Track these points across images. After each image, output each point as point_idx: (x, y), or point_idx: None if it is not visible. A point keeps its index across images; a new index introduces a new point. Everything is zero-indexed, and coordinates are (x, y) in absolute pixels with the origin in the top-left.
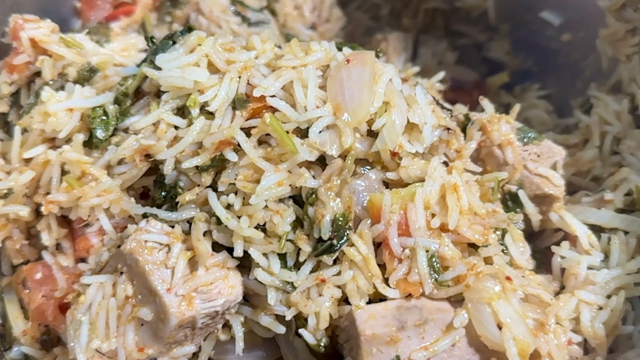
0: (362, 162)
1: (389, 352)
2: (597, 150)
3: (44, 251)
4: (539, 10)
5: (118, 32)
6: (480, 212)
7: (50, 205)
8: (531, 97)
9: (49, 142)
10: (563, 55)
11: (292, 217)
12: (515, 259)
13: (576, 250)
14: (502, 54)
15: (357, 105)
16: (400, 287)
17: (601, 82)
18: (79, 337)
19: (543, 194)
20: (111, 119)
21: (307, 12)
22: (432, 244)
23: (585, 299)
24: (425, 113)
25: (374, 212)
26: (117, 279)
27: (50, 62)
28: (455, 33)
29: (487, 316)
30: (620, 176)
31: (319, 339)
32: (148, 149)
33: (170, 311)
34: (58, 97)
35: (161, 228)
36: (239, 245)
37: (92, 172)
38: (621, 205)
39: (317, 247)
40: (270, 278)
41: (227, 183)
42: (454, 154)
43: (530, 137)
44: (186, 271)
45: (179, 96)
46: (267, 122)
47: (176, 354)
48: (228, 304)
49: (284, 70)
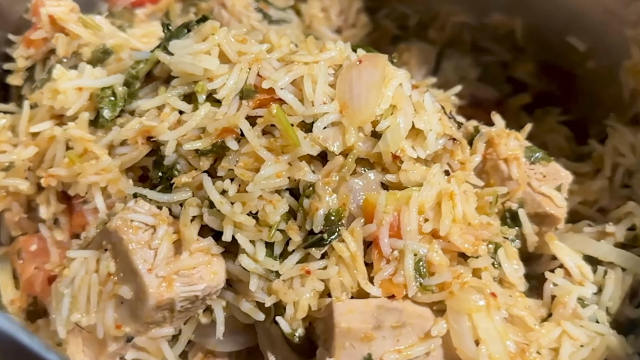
0: (363, 162)
1: (362, 349)
2: (607, 181)
3: (41, 224)
4: (565, 35)
5: (142, 18)
6: (473, 222)
7: (49, 178)
8: (551, 121)
9: (57, 119)
10: (586, 82)
11: (285, 209)
12: (507, 276)
13: (570, 279)
14: (526, 75)
15: (363, 104)
16: (384, 287)
17: (621, 112)
18: (60, 309)
19: (544, 212)
20: (119, 100)
21: (333, 15)
22: (421, 248)
23: (570, 331)
24: (432, 120)
25: (369, 212)
26: (101, 256)
27: (65, 39)
28: (482, 49)
29: (466, 329)
30: (626, 210)
31: (294, 329)
32: (150, 130)
33: (148, 291)
34: (69, 75)
35: (149, 209)
36: (229, 230)
37: (94, 150)
38: (622, 239)
39: (307, 239)
40: (254, 265)
41: (227, 168)
42: (457, 165)
43: (538, 157)
44: (169, 253)
45: (188, 82)
46: (273, 112)
47: (154, 334)
48: (209, 289)
49: (296, 65)
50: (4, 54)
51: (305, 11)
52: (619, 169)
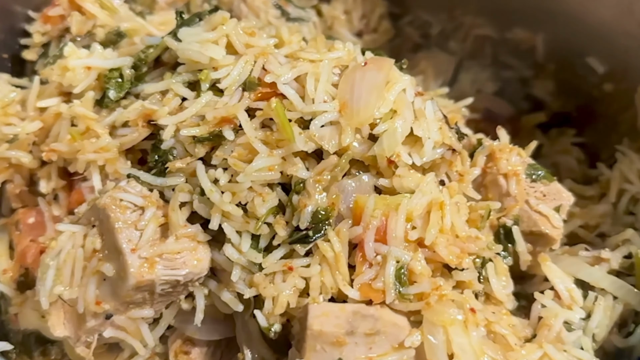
0: (358, 165)
1: (333, 353)
2: (612, 206)
3: (40, 198)
4: (585, 55)
5: (163, 6)
6: (461, 234)
7: (50, 153)
8: (566, 142)
9: (65, 96)
10: (604, 104)
11: (274, 203)
12: (495, 292)
13: (559, 302)
14: (545, 93)
15: (363, 106)
16: (363, 291)
17: (635, 139)
18: (45, 280)
19: (539, 231)
20: (125, 82)
21: (355, 18)
22: (404, 255)
23: (551, 355)
24: (431, 128)
25: (357, 214)
26: (88, 231)
27: (80, 18)
28: (502, 64)
29: (440, 343)
30: (624, 237)
31: (271, 324)
32: (151, 113)
33: (129, 271)
34: (79, 53)
35: (140, 190)
36: (216, 218)
37: (96, 128)
38: (617, 266)
39: (292, 235)
40: (238, 255)
41: (222, 157)
42: (456, 176)
43: (540, 175)
44: (155, 236)
45: (193, 70)
46: (273, 106)
47: (133, 315)
48: (191, 275)
49: (301, 62)
50: (24, 31)
51: (327, 12)
52: (625, 195)
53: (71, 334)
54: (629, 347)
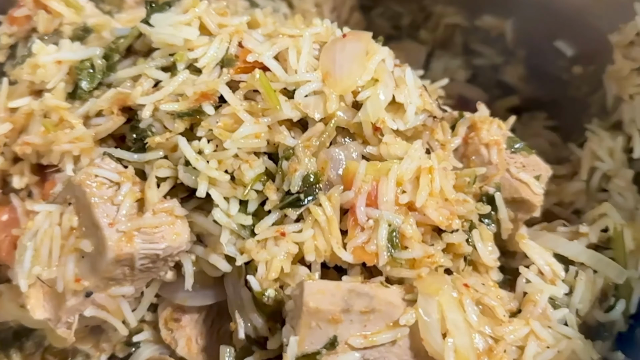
0: (344, 133)
1: (328, 330)
2: (584, 184)
3: (13, 194)
4: (554, 39)
5: (131, 5)
6: (450, 197)
7: (25, 146)
8: (537, 126)
9: (36, 95)
10: (573, 87)
11: (261, 169)
12: (482, 257)
13: (543, 278)
14: (515, 79)
15: (345, 74)
16: (356, 254)
17: (604, 119)
18: (23, 262)
19: (520, 198)
20: (97, 72)
21: (326, 11)
22: (396, 218)
23: (538, 332)
24: (412, 94)
25: (348, 179)
26: (65, 210)
27: (46, 16)
28: (473, 52)
29: (434, 321)
30: (600, 211)
31: (264, 289)
32: (125, 97)
33: (107, 244)
34: (48, 49)
35: (115, 167)
36: (203, 185)
37: (69, 119)
38: (596, 240)
39: (284, 199)
40: (227, 219)
41: (207, 128)
42: (438, 146)
43: (519, 147)
44: (132, 211)
45: (167, 55)
46: (256, 77)
47: (114, 292)
48: (170, 250)
49: (281, 37)
50: None
51: (298, 5)
52: (596, 173)
53: (51, 316)
54: (610, 321)
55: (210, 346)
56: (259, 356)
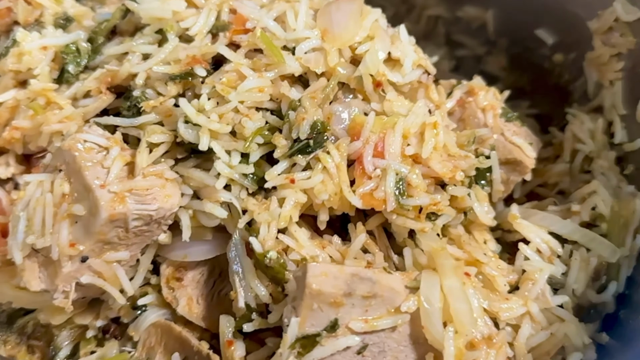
0: (346, 89)
1: (329, 313)
2: (567, 165)
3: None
4: (534, 28)
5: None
6: (453, 151)
7: (14, 131)
8: (520, 114)
9: (21, 86)
10: (554, 75)
11: (262, 122)
12: (479, 216)
13: (541, 255)
14: (498, 68)
15: (343, 30)
16: (365, 200)
17: (585, 105)
18: (16, 233)
19: (514, 159)
20: (83, 55)
21: None
22: (403, 168)
23: (534, 314)
24: (407, 49)
25: (355, 131)
26: (55, 177)
27: (25, 6)
28: (456, 43)
29: (436, 310)
30: (589, 189)
31: (266, 250)
32: (114, 74)
33: (100, 204)
34: (32, 36)
35: (103, 133)
36: (205, 139)
37: (57, 100)
38: (587, 218)
39: (293, 147)
40: (228, 170)
41: (211, 85)
42: (432, 106)
43: (513, 116)
44: (122, 174)
45: (157, 30)
46: (258, 35)
47: (109, 257)
48: (163, 212)
49: (277, 3)
50: None
51: None
52: (579, 155)
53: (48, 286)
54: (601, 302)
55: (210, 308)
56: (259, 324)
